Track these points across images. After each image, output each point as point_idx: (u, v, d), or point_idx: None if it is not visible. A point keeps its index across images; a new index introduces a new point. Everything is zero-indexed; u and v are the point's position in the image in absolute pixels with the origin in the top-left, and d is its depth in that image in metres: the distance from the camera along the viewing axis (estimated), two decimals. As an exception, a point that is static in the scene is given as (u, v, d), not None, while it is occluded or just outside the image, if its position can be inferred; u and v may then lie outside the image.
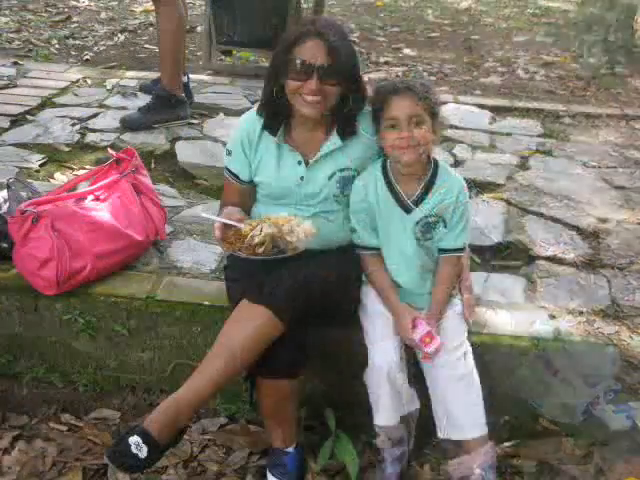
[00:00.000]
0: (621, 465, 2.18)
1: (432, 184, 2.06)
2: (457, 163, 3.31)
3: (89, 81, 4.10)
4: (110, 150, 2.59)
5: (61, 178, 2.97)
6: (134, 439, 1.76)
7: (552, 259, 2.61)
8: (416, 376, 2.07)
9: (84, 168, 3.04)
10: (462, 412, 1.98)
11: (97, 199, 2.34)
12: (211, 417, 2.31)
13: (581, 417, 2.15)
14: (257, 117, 2.09)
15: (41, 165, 3.07)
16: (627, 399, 2.19)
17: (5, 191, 2.37)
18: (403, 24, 6.32)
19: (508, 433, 2.24)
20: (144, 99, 3.67)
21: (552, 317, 2.27)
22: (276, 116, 2.05)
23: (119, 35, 5.44)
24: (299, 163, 2.08)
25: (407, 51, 5.50)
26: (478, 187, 3.08)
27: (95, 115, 3.59)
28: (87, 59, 4.81)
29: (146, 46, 5.19)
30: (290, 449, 2.06)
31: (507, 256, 2.64)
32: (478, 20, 6.66)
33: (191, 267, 2.41)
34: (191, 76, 3.94)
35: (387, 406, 2.00)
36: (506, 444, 2.22)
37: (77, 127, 3.44)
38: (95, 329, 2.24)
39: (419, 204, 2.06)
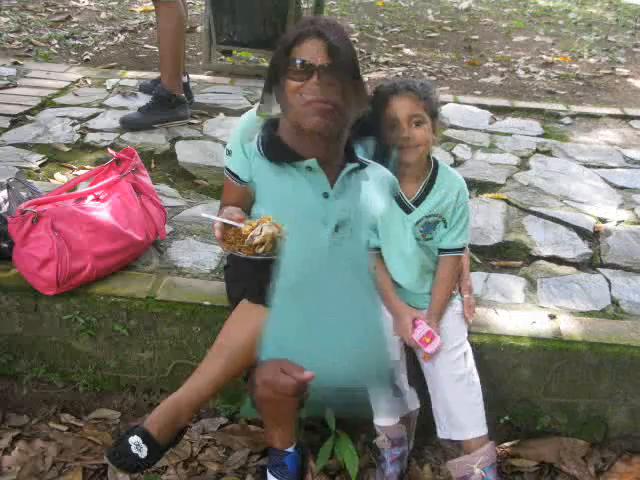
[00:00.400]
0: (621, 465, 2.19)
1: (432, 184, 2.06)
2: (457, 163, 3.31)
3: (89, 81, 4.10)
4: (110, 150, 2.59)
5: (61, 178, 2.97)
6: (134, 439, 1.76)
7: (552, 259, 2.61)
8: (416, 376, 2.07)
9: (84, 168, 3.04)
10: (462, 412, 1.98)
11: (97, 199, 2.34)
12: (211, 417, 2.30)
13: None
14: (257, 117, 2.08)
15: (41, 165, 3.07)
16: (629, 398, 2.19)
17: (5, 191, 2.37)
18: (403, 24, 6.32)
19: (508, 433, 2.24)
20: (144, 99, 3.67)
21: (552, 317, 2.26)
22: (276, 116, 2.05)
23: (119, 35, 5.44)
24: (299, 163, 2.07)
25: (407, 51, 5.50)
26: (478, 187, 3.08)
27: (95, 115, 3.59)
28: (87, 59, 4.81)
29: (146, 46, 5.19)
30: (290, 449, 2.05)
31: (507, 256, 2.64)
32: (478, 20, 6.67)
33: (191, 267, 2.41)
34: (191, 76, 3.94)
35: (387, 406, 2.00)
36: (506, 444, 2.22)
37: (77, 127, 3.44)
38: (95, 329, 2.24)
39: (419, 204, 2.06)
